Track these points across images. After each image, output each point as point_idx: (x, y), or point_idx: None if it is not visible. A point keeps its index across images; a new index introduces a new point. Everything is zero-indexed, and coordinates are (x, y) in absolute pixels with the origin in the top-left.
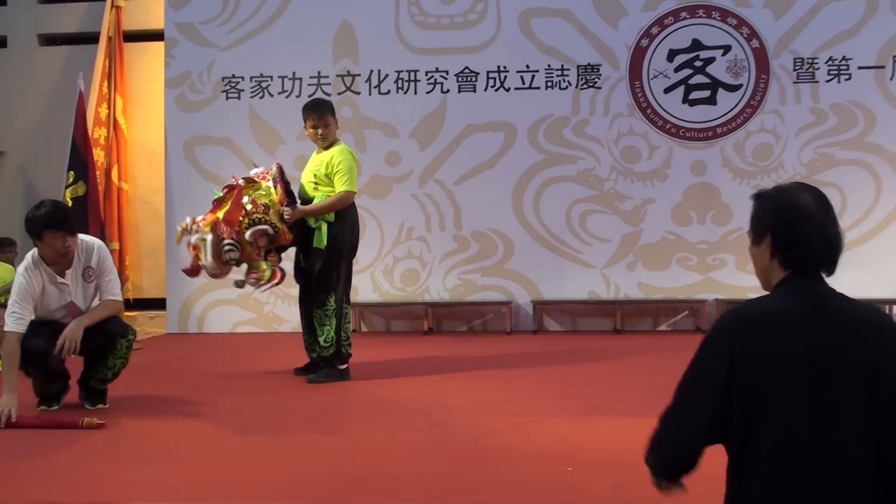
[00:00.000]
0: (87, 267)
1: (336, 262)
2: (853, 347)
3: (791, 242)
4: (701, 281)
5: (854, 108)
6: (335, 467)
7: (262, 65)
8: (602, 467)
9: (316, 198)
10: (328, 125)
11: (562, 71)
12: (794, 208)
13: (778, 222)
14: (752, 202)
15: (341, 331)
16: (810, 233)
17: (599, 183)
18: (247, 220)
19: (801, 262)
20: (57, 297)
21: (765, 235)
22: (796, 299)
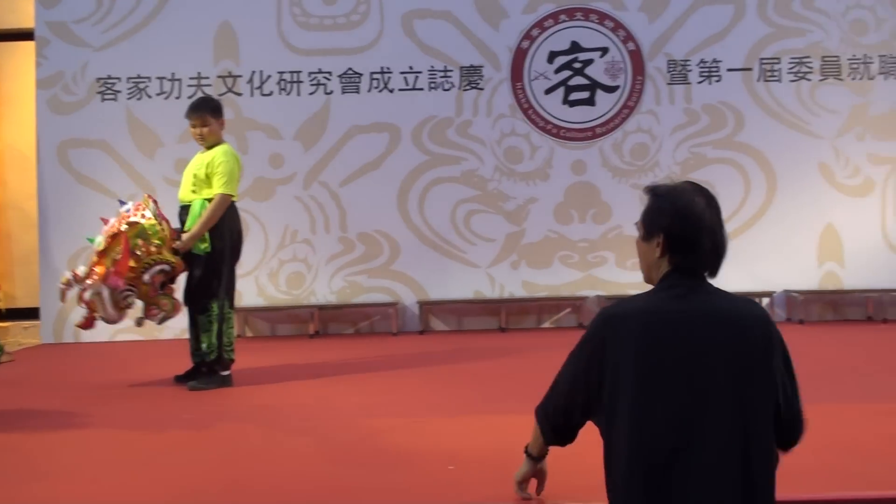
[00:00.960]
0: None
1: (217, 267)
2: (723, 338)
3: (683, 247)
4: (582, 278)
5: (724, 109)
6: (218, 475)
7: (139, 65)
8: (484, 465)
9: (193, 203)
10: (207, 125)
11: (445, 72)
12: (691, 214)
13: (673, 226)
14: (646, 196)
15: (223, 336)
16: (702, 239)
17: (483, 183)
18: (142, 265)
19: (686, 263)
20: None
21: (657, 234)
22: (673, 297)
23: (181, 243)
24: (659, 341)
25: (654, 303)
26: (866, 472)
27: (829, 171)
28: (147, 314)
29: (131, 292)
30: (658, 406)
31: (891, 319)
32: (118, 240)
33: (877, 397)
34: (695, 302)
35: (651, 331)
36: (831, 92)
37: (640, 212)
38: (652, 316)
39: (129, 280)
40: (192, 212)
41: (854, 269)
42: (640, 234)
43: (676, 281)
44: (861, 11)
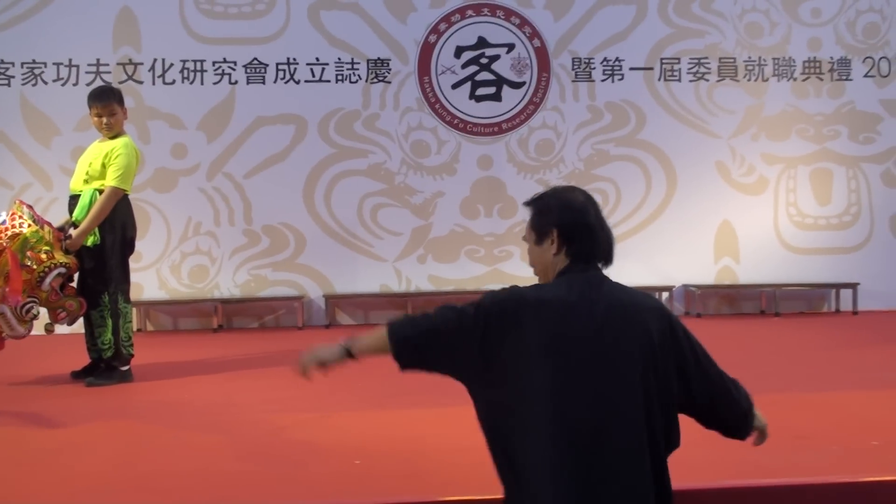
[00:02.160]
0: None
1: (108, 260)
2: (626, 328)
3: (577, 235)
4: (488, 272)
5: (626, 107)
6: (119, 472)
7: (34, 50)
8: (390, 459)
9: (83, 193)
10: (114, 114)
11: (352, 64)
12: (575, 204)
13: (563, 219)
14: (529, 207)
15: (120, 331)
16: (589, 226)
17: (390, 177)
18: (37, 275)
19: (585, 253)
20: None
21: (549, 232)
22: (576, 287)
23: (71, 241)
24: (573, 330)
25: (562, 292)
26: (760, 462)
27: (726, 170)
28: (55, 319)
29: (33, 303)
30: (576, 392)
31: (783, 313)
32: (3, 257)
33: (770, 388)
34: (600, 293)
35: (564, 319)
36: (728, 92)
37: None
38: (563, 305)
39: (28, 293)
40: (82, 202)
41: (748, 264)
42: (532, 241)
43: (578, 274)
44: (756, 15)
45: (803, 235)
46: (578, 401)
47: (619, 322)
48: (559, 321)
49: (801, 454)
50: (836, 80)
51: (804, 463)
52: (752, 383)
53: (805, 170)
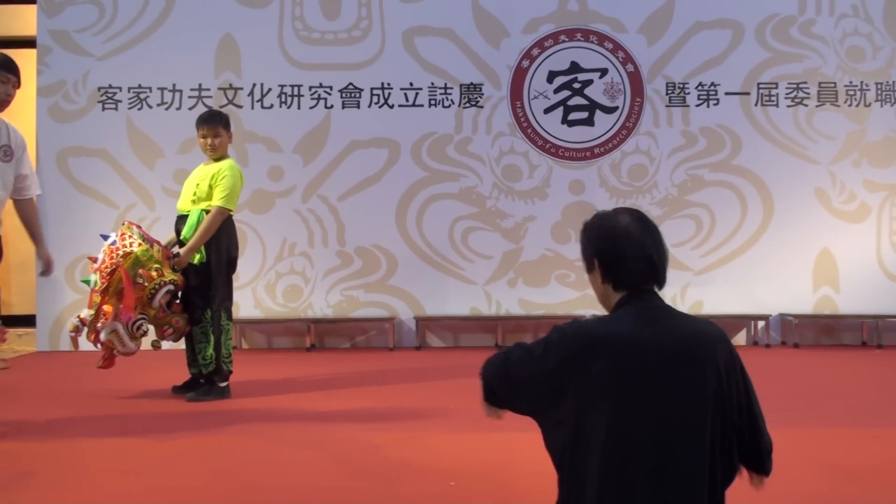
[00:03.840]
0: (5, 145)
1: (213, 278)
2: (692, 360)
3: (615, 261)
4: (579, 297)
5: (722, 132)
6: (218, 485)
7: (140, 76)
8: (484, 481)
9: (191, 213)
10: (219, 136)
11: (445, 89)
12: (612, 231)
13: (599, 247)
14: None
15: (221, 347)
16: (628, 251)
17: (481, 200)
18: (147, 292)
19: (625, 280)
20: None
21: (593, 262)
22: (639, 319)
23: (179, 259)
24: (638, 365)
25: (626, 326)
26: (855, 494)
27: (826, 196)
28: (161, 335)
29: (143, 320)
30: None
31: (886, 345)
32: (117, 275)
33: (867, 422)
34: (664, 324)
35: (630, 355)
36: (828, 118)
37: None
38: (628, 340)
39: (139, 309)
40: (190, 222)
41: (849, 293)
42: (586, 270)
43: (638, 304)
44: (858, 39)
45: None
46: (645, 438)
47: (685, 354)
48: (624, 357)
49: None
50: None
51: None
52: (853, 416)
53: None
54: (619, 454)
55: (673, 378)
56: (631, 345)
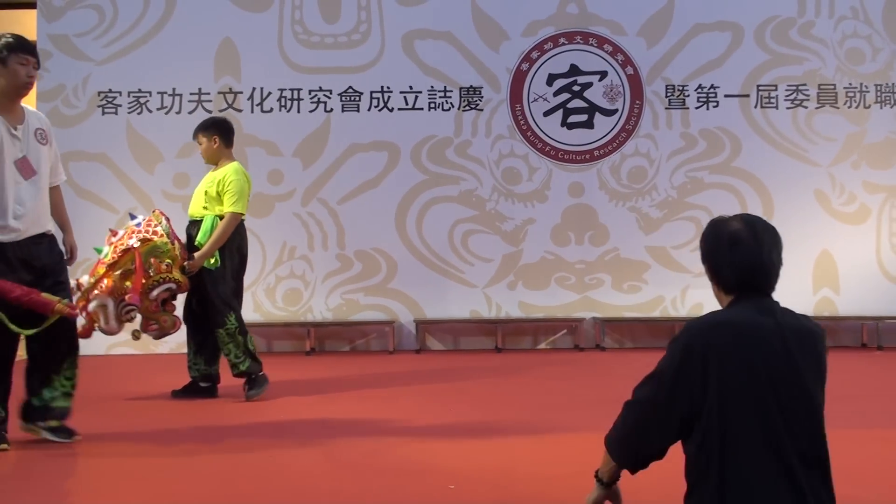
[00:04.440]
0: (39, 128)
1: (229, 281)
2: (801, 354)
3: (718, 268)
4: (579, 300)
5: (721, 135)
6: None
7: (140, 80)
8: (484, 485)
9: (204, 219)
10: (201, 144)
11: (444, 92)
12: (720, 238)
13: (708, 253)
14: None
15: (248, 343)
16: (733, 258)
17: (481, 203)
18: (150, 282)
19: (729, 285)
20: (10, 149)
21: (705, 264)
22: (753, 312)
23: (192, 262)
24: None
25: (745, 316)
26: (860, 497)
27: (825, 198)
28: (145, 328)
29: (135, 308)
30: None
31: (886, 346)
32: (130, 255)
33: (870, 423)
34: (778, 319)
35: (755, 351)
36: (827, 120)
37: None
38: (749, 335)
39: (138, 296)
40: (204, 227)
41: (849, 295)
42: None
43: (750, 302)
44: (858, 41)
45: None
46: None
47: (800, 348)
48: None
49: None
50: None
51: None
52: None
53: None
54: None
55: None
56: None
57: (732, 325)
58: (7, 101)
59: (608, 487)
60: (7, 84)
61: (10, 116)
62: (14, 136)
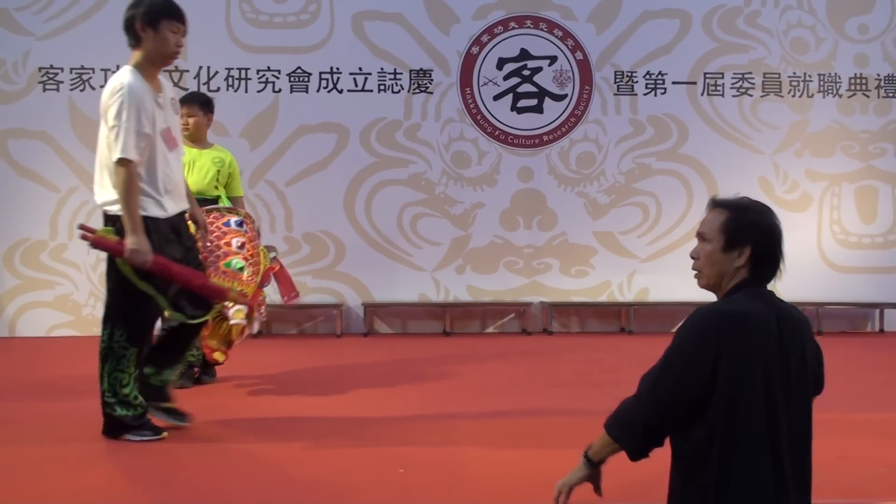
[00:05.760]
0: (173, 98)
1: None
2: (802, 342)
3: (768, 261)
4: (527, 284)
5: (668, 121)
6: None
7: (83, 56)
8: (433, 468)
9: (221, 200)
10: (194, 117)
11: (394, 75)
12: (776, 231)
13: (764, 242)
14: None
15: None
16: (779, 254)
17: (430, 187)
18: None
19: (767, 276)
20: (156, 118)
21: (743, 247)
22: (760, 302)
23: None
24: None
25: (751, 305)
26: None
27: (769, 186)
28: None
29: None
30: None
31: (825, 332)
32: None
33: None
34: (779, 309)
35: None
36: (772, 108)
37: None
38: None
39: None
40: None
41: (791, 281)
42: (720, 244)
43: (753, 288)
44: (802, 31)
45: (847, 253)
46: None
47: (799, 335)
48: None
49: (847, 475)
50: (882, 97)
51: (849, 483)
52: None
53: (850, 187)
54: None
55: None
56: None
57: (745, 317)
58: (152, 68)
59: (595, 468)
60: (154, 51)
61: (153, 84)
62: (159, 104)
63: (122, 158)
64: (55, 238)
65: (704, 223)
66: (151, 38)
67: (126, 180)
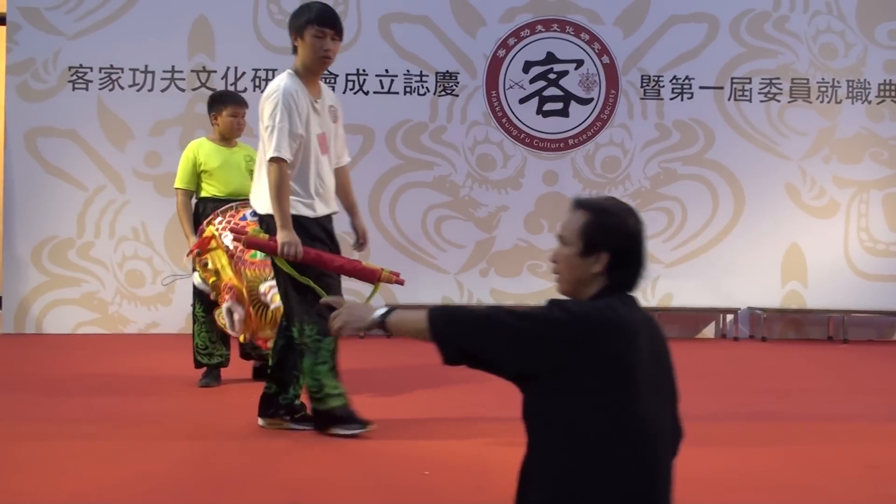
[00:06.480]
0: (331, 105)
1: None
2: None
3: (627, 265)
4: (550, 287)
5: (695, 126)
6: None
7: (112, 56)
8: (458, 471)
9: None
10: (238, 116)
11: (420, 77)
12: (637, 234)
13: (621, 245)
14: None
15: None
16: (642, 259)
17: (455, 189)
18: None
19: (629, 282)
20: (311, 122)
21: (600, 252)
22: (630, 307)
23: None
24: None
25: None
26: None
27: (796, 192)
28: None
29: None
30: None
31: (851, 340)
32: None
33: (839, 415)
34: (639, 310)
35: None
36: (800, 114)
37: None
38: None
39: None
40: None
41: (817, 289)
42: (577, 249)
43: (621, 295)
44: (831, 36)
45: (874, 261)
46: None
47: (660, 340)
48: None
49: (874, 485)
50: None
51: (877, 494)
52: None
53: (878, 194)
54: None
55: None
56: (632, 326)
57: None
58: (308, 74)
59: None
60: (305, 57)
61: (312, 89)
62: (316, 109)
63: (274, 157)
64: (82, 236)
65: (563, 225)
66: (301, 45)
67: (278, 178)
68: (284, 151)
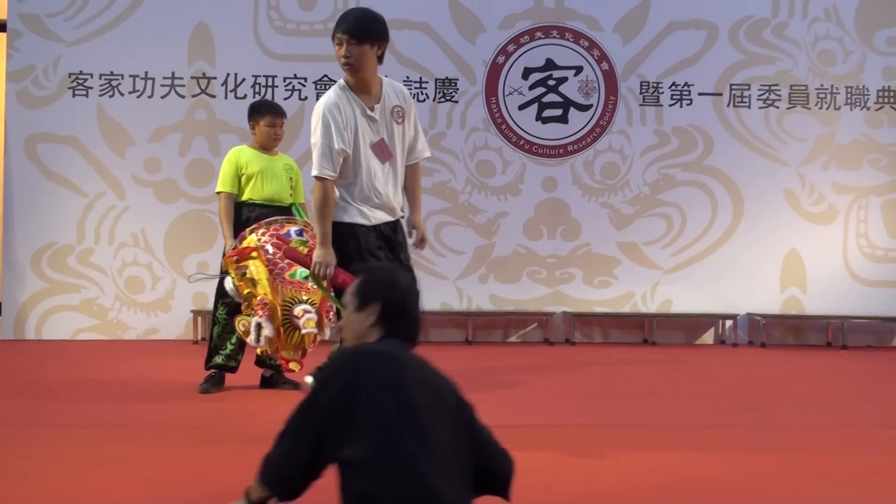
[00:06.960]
0: (396, 105)
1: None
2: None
3: (397, 314)
4: (550, 294)
5: (694, 132)
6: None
7: (112, 62)
8: None
9: (294, 207)
10: (278, 126)
11: (420, 83)
12: (401, 285)
13: (387, 295)
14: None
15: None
16: (411, 309)
17: (454, 195)
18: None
19: (400, 331)
20: (362, 131)
21: (373, 304)
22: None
23: None
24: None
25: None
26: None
27: (795, 198)
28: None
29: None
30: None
31: (850, 346)
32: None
33: (839, 422)
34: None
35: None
36: (798, 120)
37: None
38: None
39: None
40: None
41: (816, 295)
42: (353, 306)
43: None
44: (829, 42)
45: (873, 267)
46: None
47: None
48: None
49: (875, 491)
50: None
51: (877, 500)
52: (819, 415)
53: (877, 200)
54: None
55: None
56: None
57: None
58: (361, 82)
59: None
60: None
61: (365, 97)
62: (370, 117)
63: (315, 175)
64: (82, 242)
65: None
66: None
67: (319, 196)
68: (326, 170)
